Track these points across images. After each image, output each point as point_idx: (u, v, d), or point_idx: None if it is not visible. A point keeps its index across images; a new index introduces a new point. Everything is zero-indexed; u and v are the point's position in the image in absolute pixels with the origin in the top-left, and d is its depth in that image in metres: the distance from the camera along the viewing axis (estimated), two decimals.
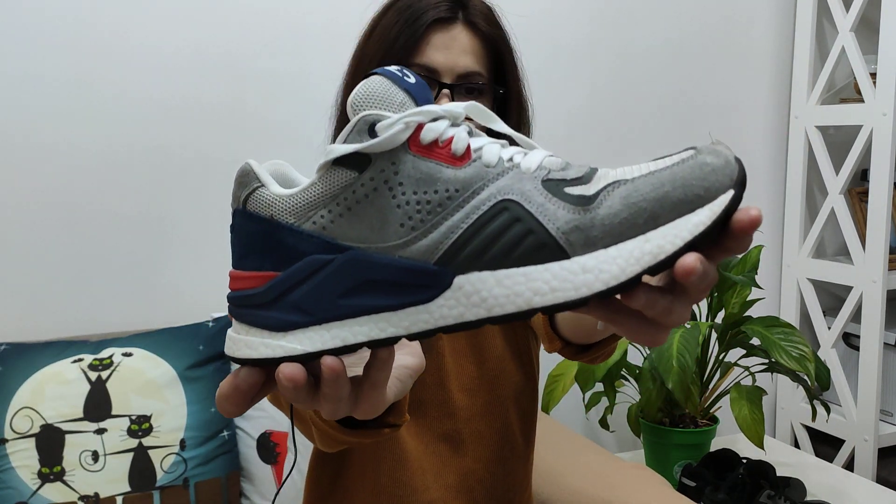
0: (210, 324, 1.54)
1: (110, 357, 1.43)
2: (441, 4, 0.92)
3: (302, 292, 0.44)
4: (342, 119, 0.97)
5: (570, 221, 0.42)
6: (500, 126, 0.47)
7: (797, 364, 1.64)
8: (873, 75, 1.99)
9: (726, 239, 0.41)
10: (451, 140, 0.44)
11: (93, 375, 1.40)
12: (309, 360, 0.44)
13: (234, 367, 1.54)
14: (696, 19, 2.11)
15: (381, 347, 0.45)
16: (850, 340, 2.17)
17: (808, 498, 1.69)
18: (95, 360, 1.42)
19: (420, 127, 0.44)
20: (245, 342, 0.45)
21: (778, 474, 1.66)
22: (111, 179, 1.60)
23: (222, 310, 1.64)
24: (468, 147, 0.44)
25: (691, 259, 0.39)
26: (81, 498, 1.33)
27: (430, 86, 0.92)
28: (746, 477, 1.62)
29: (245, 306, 0.45)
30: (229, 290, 0.46)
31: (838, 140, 2.23)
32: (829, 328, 2.12)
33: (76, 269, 1.60)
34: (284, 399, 0.46)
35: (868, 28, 2.17)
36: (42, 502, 1.32)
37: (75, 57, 1.56)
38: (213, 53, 1.65)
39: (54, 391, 1.38)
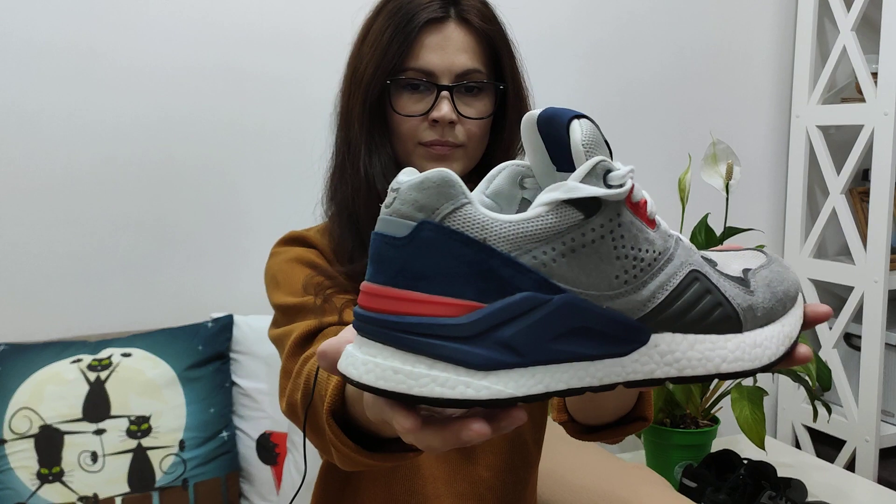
0: (209, 324, 1.54)
1: (109, 357, 1.43)
2: (432, 4, 0.89)
3: (514, 330, 0.40)
4: (344, 126, 0.94)
5: (745, 300, 0.47)
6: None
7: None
8: (874, 75, 1.98)
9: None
10: (646, 203, 0.45)
11: (92, 376, 1.40)
12: (507, 406, 0.40)
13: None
14: (697, 19, 2.11)
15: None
16: (851, 341, 2.17)
17: (810, 499, 1.68)
18: (94, 360, 1.42)
19: (632, 185, 0.44)
20: (432, 378, 0.39)
21: (779, 475, 1.65)
22: (111, 180, 1.60)
23: (221, 310, 1.64)
24: (655, 214, 0.46)
25: (806, 349, 0.49)
26: (80, 499, 1.33)
27: (429, 89, 0.90)
28: (747, 478, 1.61)
29: (430, 336, 0.40)
30: (398, 314, 0.40)
31: (839, 140, 2.22)
32: (831, 328, 2.12)
33: (76, 269, 1.59)
34: (376, 424, 0.43)
35: (869, 28, 2.16)
36: (41, 503, 1.32)
37: (76, 58, 1.55)
38: (212, 57, 1.65)
39: (53, 391, 1.37)
